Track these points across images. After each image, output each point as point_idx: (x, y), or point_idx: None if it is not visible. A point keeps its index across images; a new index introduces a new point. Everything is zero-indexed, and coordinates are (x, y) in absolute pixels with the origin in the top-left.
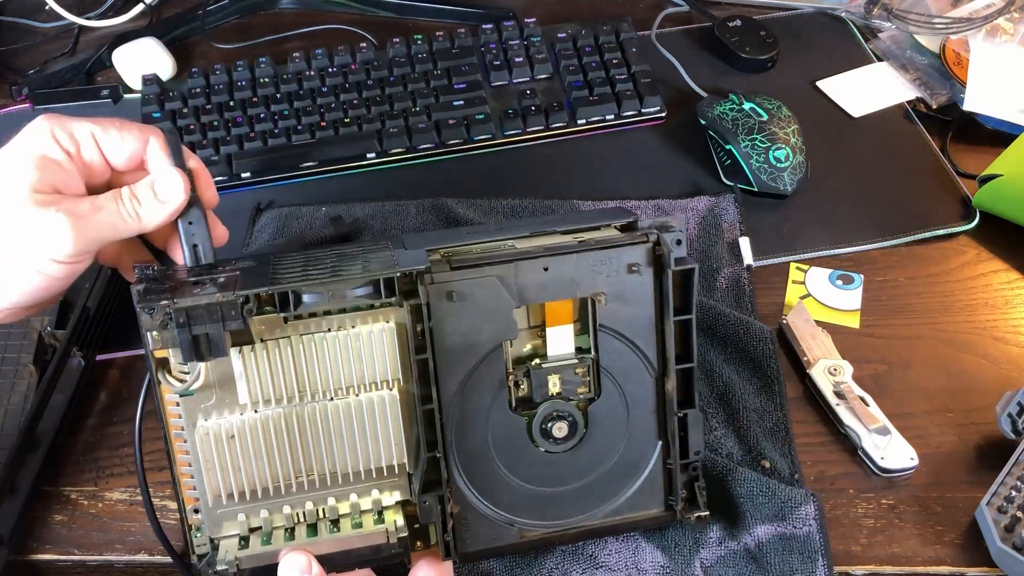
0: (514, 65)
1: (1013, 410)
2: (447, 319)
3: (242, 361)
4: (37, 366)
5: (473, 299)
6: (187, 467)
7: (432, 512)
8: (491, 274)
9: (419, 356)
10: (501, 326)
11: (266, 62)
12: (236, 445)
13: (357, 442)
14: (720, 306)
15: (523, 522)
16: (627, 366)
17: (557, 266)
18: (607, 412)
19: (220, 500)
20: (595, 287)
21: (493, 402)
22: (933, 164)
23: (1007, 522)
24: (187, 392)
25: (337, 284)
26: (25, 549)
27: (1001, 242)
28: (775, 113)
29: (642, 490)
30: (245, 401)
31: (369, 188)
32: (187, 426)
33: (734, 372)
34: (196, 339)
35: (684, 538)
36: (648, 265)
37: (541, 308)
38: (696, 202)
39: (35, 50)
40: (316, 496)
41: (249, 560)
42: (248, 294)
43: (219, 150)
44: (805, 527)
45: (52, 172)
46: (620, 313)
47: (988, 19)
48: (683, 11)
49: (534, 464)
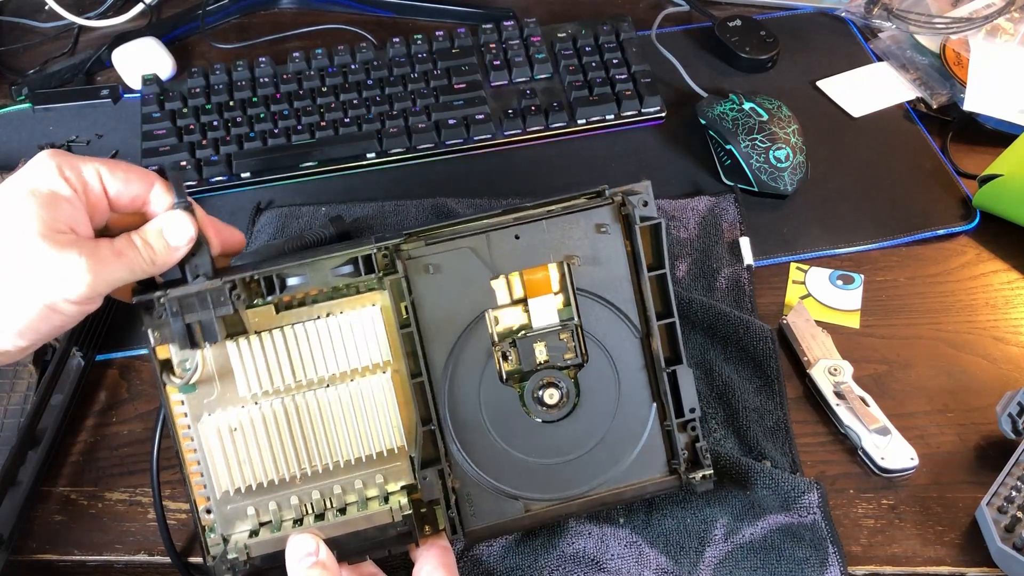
0: (514, 65)
1: (1013, 410)
2: (427, 293)
3: (238, 352)
4: (37, 366)
5: (450, 271)
6: (196, 466)
7: (434, 487)
8: (464, 246)
9: (404, 330)
10: (480, 296)
11: (266, 62)
12: (240, 437)
13: (357, 427)
14: (720, 305)
15: (527, 496)
16: (611, 329)
17: (528, 234)
18: (597, 377)
19: (229, 495)
20: (567, 250)
21: (483, 375)
22: (933, 164)
23: (1007, 522)
24: (189, 388)
25: (318, 263)
26: (25, 549)
27: (1001, 242)
28: (775, 113)
29: (643, 456)
30: (244, 393)
31: (369, 188)
32: (193, 423)
33: (734, 371)
34: (190, 327)
35: (688, 539)
36: (616, 223)
37: (522, 282)
38: (696, 202)
39: (35, 50)
40: (322, 485)
41: (258, 547)
42: (235, 279)
43: (219, 150)
44: (810, 516)
45: (63, 210)
46: (596, 275)
47: (988, 19)
48: (683, 11)
49: (531, 436)
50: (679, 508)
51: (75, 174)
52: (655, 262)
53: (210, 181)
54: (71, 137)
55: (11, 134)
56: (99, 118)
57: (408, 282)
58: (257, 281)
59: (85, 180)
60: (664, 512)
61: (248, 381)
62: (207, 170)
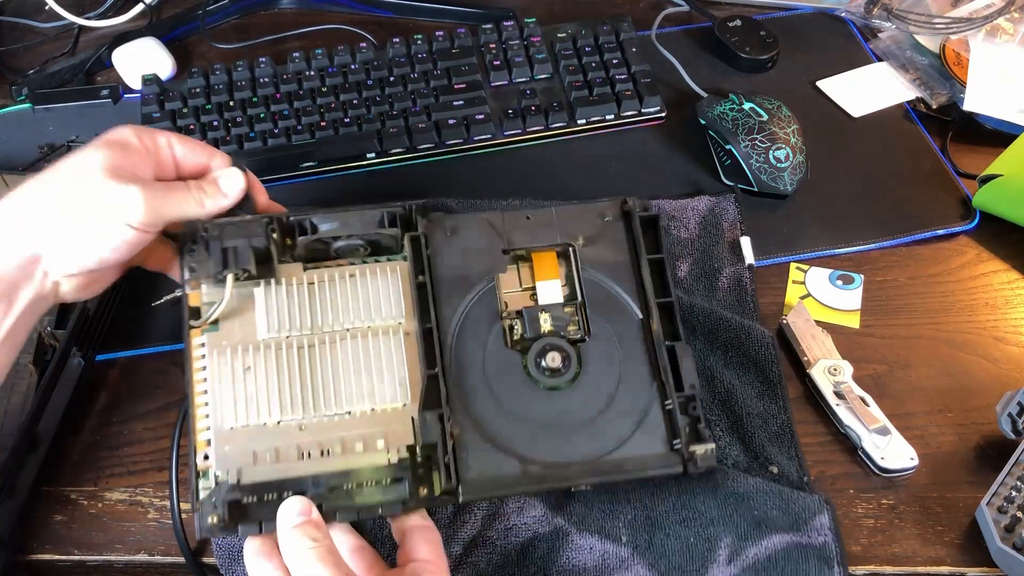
0: (514, 65)
1: (1013, 410)
2: (443, 250)
3: (263, 294)
4: (37, 366)
5: (466, 236)
6: (204, 407)
7: (432, 429)
8: (482, 218)
9: (418, 279)
10: (492, 261)
11: (266, 62)
12: (251, 377)
13: (364, 379)
14: (721, 311)
15: (524, 455)
16: (613, 309)
17: (538, 217)
18: (599, 352)
19: (233, 431)
20: (573, 233)
21: (489, 338)
22: (933, 164)
23: (1007, 522)
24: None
25: (348, 213)
26: (25, 549)
27: (1001, 242)
28: (775, 113)
29: (644, 432)
30: (263, 336)
31: (369, 188)
32: (208, 358)
33: (736, 377)
34: (225, 251)
35: (691, 562)
36: (618, 219)
37: (530, 267)
38: (697, 202)
39: (35, 50)
40: (323, 440)
41: (249, 474)
42: (272, 217)
43: None
44: (821, 536)
45: (129, 158)
46: (599, 257)
47: (988, 19)
48: (683, 11)
49: (532, 401)
50: (682, 527)
51: (148, 136)
52: (653, 248)
53: None
54: (71, 137)
55: (11, 134)
56: (99, 118)
57: (426, 238)
58: (291, 223)
59: (156, 141)
60: (667, 531)
61: (268, 323)
62: None
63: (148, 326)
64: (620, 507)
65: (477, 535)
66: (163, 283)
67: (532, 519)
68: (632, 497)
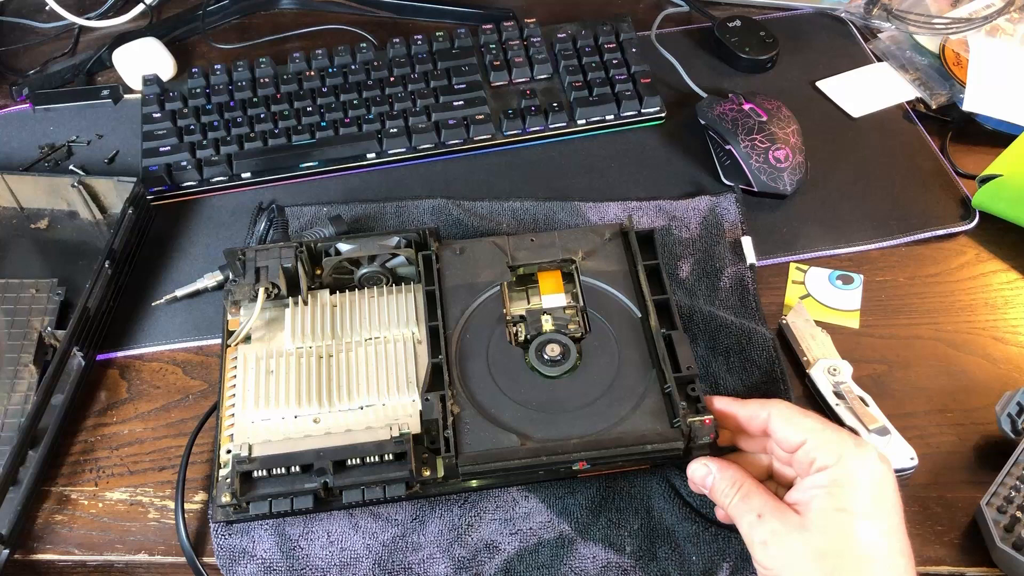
0: (514, 65)
1: (1013, 410)
2: (453, 265)
3: (291, 312)
4: (37, 366)
5: (474, 254)
6: (231, 409)
7: (433, 407)
8: (490, 241)
9: (428, 288)
10: (498, 271)
11: (266, 62)
12: (274, 379)
13: (375, 379)
14: (721, 315)
15: (524, 432)
16: (613, 311)
17: (541, 239)
18: (599, 345)
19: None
20: (574, 249)
21: (492, 336)
22: (933, 164)
23: (1007, 522)
24: (245, 342)
25: (367, 238)
26: (25, 549)
27: (1001, 242)
28: (775, 113)
29: (644, 414)
30: (288, 346)
31: (369, 188)
32: (239, 370)
33: (739, 382)
34: (258, 270)
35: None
36: (616, 237)
37: (536, 286)
38: (697, 202)
39: (35, 50)
40: (334, 427)
41: (260, 449)
42: (302, 242)
43: (219, 150)
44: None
45: None
46: (599, 267)
47: (988, 19)
48: (683, 11)
49: (533, 388)
50: (687, 543)
51: None
52: (649, 257)
53: (211, 181)
54: (71, 137)
55: (11, 134)
56: (100, 118)
57: (437, 257)
58: (318, 248)
59: None
60: (672, 546)
61: (293, 334)
62: (208, 170)
63: (148, 326)
64: (627, 517)
65: (483, 539)
66: (163, 283)
67: (538, 524)
68: (639, 507)
